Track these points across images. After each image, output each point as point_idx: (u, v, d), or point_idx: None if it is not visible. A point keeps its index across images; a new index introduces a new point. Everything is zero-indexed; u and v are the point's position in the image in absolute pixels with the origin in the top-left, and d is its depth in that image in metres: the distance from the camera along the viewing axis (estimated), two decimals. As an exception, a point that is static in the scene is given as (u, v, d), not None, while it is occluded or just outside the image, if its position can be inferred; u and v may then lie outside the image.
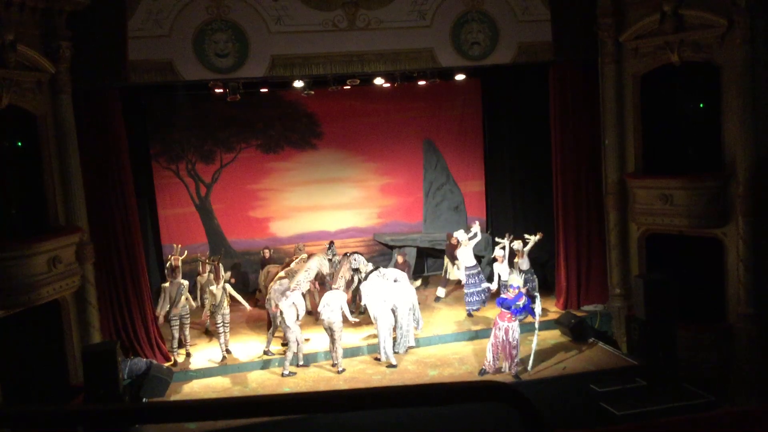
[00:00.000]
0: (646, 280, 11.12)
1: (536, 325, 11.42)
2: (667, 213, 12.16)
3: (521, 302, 10.95)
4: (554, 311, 13.80)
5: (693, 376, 11.07)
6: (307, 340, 12.38)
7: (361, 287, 12.60)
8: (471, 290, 13.69)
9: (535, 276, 13.65)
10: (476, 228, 14.21)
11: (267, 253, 14.76)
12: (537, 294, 12.20)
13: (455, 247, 14.21)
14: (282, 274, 12.39)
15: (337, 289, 11.88)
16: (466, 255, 13.73)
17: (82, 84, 11.20)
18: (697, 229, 12.03)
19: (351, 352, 12.32)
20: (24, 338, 10.30)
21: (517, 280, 11.41)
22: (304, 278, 12.06)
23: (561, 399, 10.48)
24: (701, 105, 12.45)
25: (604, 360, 11.99)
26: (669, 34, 11.76)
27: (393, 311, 12.10)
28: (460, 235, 13.97)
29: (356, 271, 13.25)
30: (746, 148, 11.23)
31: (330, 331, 11.71)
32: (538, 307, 11.36)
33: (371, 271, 12.48)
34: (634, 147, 12.77)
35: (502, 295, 11.43)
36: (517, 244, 13.35)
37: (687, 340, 11.53)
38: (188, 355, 12.38)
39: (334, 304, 11.66)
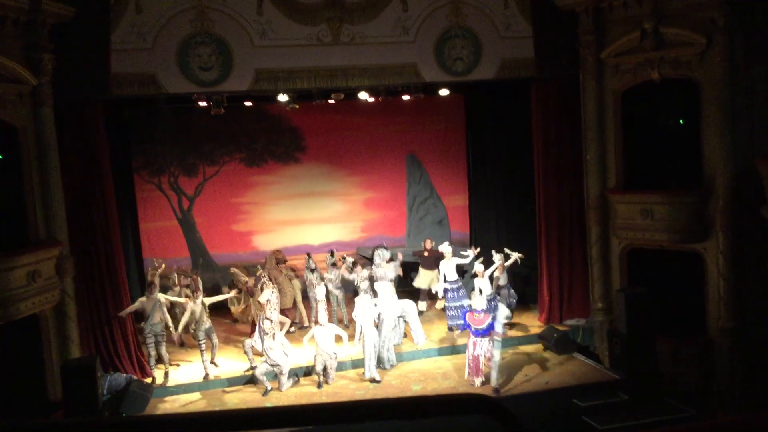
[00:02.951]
0: (628, 294, 11.21)
1: (499, 340, 11.40)
2: (648, 228, 12.27)
3: (484, 325, 11.14)
4: (537, 325, 13.85)
5: (674, 389, 11.14)
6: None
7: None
8: (451, 304, 13.71)
9: (512, 291, 13.72)
10: (470, 254, 14.07)
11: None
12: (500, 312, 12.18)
13: (435, 254, 14.32)
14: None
15: (321, 325, 11.75)
16: (448, 269, 13.75)
17: (64, 96, 11.12)
18: (678, 243, 12.14)
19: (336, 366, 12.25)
20: (2, 353, 10.14)
21: (480, 303, 11.48)
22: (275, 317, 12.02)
23: (544, 413, 10.48)
24: (681, 121, 12.61)
25: (587, 374, 12.02)
26: (649, 51, 11.93)
27: (377, 327, 12.09)
28: (444, 247, 13.98)
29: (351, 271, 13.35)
30: (726, 164, 11.38)
31: (330, 361, 11.70)
32: (499, 325, 11.36)
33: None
34: (616, 162, 12.89)
35: (471, 325, 11.46)
36: (498, 258, 13.39)
37: (668, 353, 11.62)
38: (166, 374, 12.06)
39: (325, 337, 11.61)
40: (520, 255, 13.48)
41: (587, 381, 11.69)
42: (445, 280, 13.77)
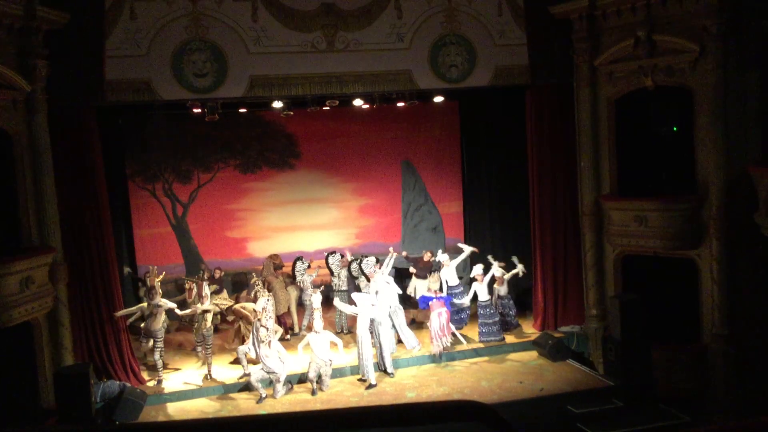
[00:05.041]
0: (622, 301, 11.22)
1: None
2: (642, 234, 12.30)
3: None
4: (531, 332, 13.85)
5: (669, 396, 11.14)
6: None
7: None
8: (453, 309, 13.69)
9: (512, 302, 13.75)
10: (466, 248, 14.22)
11: (218, 274, 14.69)
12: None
13: (428, 264, 14.35)
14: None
15: (317, 332, 11.72)
16: (449, 275, 13.75)
17: (59, 103, 11.11)
18: (672, 250, 12.17)
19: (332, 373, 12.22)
20: (-6, 360, 10.10)
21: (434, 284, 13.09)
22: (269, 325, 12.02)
23: (538, 420, 10.48)
24: (675, 128, 12.66)
25: (581, 381, 12.01)
26: (643, 58, 11.98)
27: (372, 332, 12.08)
28: (441, 256, 13.97)
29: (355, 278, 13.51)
30: (719, 171, 11.43)
31: (325, 368, 11.68)
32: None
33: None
34: (610, 169, 12.94)
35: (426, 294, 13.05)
36: (499, 271, 13.43)
37: (662, 360, 11.63)
38: (159, 381, 12.03)
39: (320, 344, 11.59)
40: (524, 270, 13.54)
41: (582, 387, 11.68)
42: (448, 287, 13.79)
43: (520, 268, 13.49)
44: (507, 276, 13.44)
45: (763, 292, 11.37)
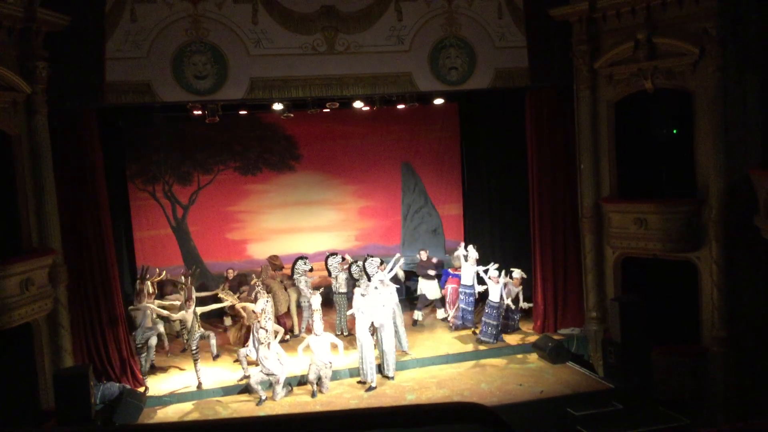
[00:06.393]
0: (622, 303, 11.22)
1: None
2: (642, 237, 12.31)
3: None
4: (532, 334, 13.84)
5: (668, 398, 11.14)
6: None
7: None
8: (463, 307, 13.75)
9: (516, 307, 13.77)
10: (461, 251, 14.28)
11: (231, 274, 14.68)
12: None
13: (428, 263, 14.53)
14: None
15: (317, 334, 11.73)
16: (467, 272, 13.76)
17: (59, 104, 11.11)
18: (672, 253, 12.17)
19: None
20: (-6, 362, 10.09)
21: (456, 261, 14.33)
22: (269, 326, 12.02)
23: (538, 422, 10.48)
24: (675, 131, 12.67)
25: (581, 383, 12.01)
26: (642, 61, 11.99)
27: (375, 333, 12.08)
28: (471, 250, 13.96)
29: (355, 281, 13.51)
30: (719, 174, 11.43)
31: (325, 370, 11.68)
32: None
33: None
34: (609, 172, 12.94)
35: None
36: (517, 272, 13.52)
37: (662, 363, 11.63)
38: (146, 388, 11.94)
39: (321, 346, 11.58)
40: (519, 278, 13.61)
41: (581, 390, 11.67)
42: (461, 285, 13.87)
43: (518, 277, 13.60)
44: (509, 279, 13.47)
45: (762, 294, 11.37)
